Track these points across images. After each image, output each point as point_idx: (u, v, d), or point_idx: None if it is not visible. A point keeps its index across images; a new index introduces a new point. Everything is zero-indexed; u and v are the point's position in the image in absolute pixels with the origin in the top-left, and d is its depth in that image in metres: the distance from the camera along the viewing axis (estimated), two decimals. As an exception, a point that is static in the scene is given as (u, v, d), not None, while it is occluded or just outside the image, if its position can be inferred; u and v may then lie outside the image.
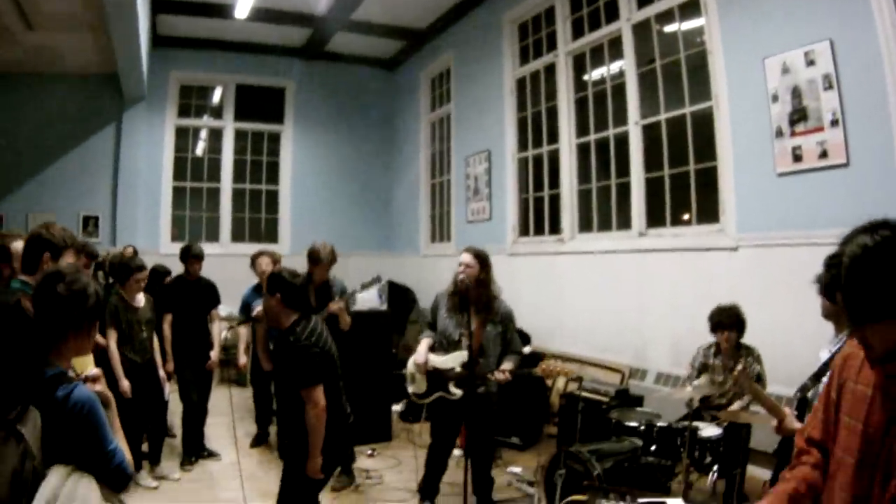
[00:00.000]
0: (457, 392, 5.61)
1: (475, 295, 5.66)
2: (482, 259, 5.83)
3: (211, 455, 7.52)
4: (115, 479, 2.59)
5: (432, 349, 5.90)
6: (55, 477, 2.38)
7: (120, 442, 2.66)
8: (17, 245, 4.41)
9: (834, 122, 5.61)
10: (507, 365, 5.62)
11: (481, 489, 5.91)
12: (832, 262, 1.97)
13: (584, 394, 6.77)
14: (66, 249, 4.15)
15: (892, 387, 2.01)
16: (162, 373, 6.92)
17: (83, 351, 2.81)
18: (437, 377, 5.76)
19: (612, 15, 8.42)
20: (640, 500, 3.84)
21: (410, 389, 6.00)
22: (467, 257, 5.79)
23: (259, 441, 7.98)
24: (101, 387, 2.71)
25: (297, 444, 4.44)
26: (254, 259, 7.92)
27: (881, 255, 1.84)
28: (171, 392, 7.30)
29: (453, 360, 5.69)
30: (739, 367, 4.91)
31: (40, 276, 2.98)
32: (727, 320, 5.56)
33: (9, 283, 4.18)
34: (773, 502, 2.36)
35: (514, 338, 5.91)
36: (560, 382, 8.41)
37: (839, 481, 2.15)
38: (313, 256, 6.93)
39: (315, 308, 6.21)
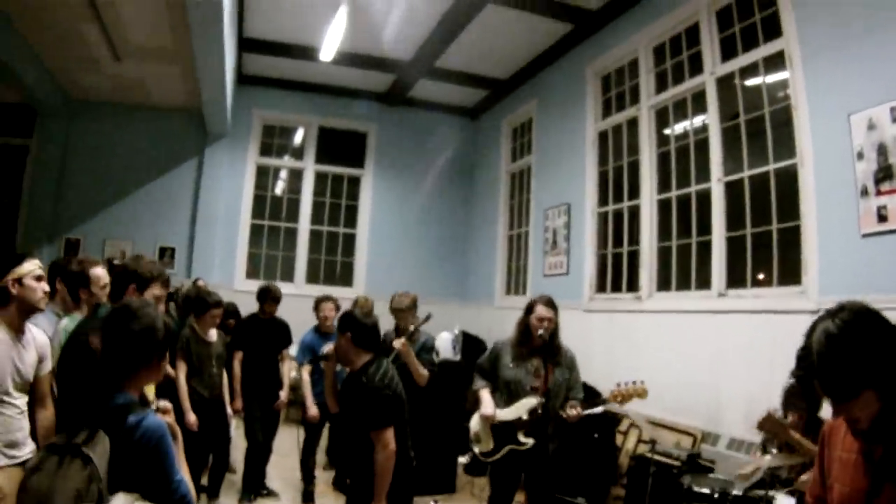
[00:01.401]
0: (527, 441, 5.40)
1: (544, 342, 5.53)
2: (556, 309, 5.68)
3: (270, 494, 7.55)
4: None
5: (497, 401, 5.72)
6: (119, 502, 2.41)
7: (185, 475, 2.68)
8: (96, 271, 4.56)
9: (920, 181, 5.32)
10: (574, 406, 5.40)
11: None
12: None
13: (656, 457, 6.52)
14: (153, 282, 4.21)
15: (874, 453, 2.18)
16: (229, 409, 6.95)
17: (153, 380, 2.89)
18: (503, 431, 5.54)
19: (696, 68, 8.26)
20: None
21: (477, 450, 5.76)
22: (547, 311, 5.61)
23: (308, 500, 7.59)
24: (170, 419, 2.77)
25: (363, 487, 4.40)
26: (318, 303, 7.88)
27: (844, 338, 2.05)
28: (237, 429, 7.29)
29: (519, 410, 5.49)
30: (765, 413, 4.66)
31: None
32: None
33: (95, 309, 4.32)
34: None
35: (577, 383, 5.70)
36: (630, 443, 8.18)
37: None
38: (391, 307, 7.13)
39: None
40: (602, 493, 7.77)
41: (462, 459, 8.84)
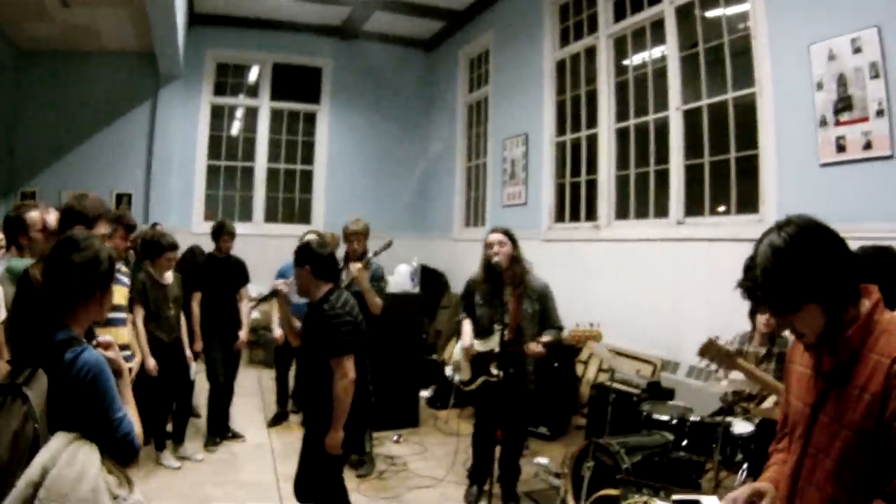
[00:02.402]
0: (498, 373, 5.49)
1: (509, 274, 5.63)
2: (511, 236, 5.76)
3: (235, 436, 7.51)
4: (120, 450, 2.50)
5: (474, 334, 5.85)
6: (56, 442, 2.31)
7: (130, 413, 2.58)
8: (31, 215, 4.35)
9: (879, 113, 5.36)
10: (544, 338, 5.54)
11: (507, 478, 5.85)
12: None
13: (616, 385, 6.60)
14: (97, 220, 4.12)
15: (824, 365, 2.17)
16: (188, 352, 6.87)
17: (97, 317, 2.71)
18: (479, 362, 5.74)
19: (656, -3, 8.20)
20: (675, 497, 3.64)
21: (457, 378, 6.00)
22: (498, 236, 5.71)
23: (277, 420, 8.02)
24: (112, 354, 2.63)
25: (321, 418, 4.40)
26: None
27: (789, 251, 2.03)
28: (198, 372, 7.26)
29: (492, 342, 5.60)
30: (706, 339, 4.58)
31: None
32: None
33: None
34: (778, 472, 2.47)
35: (552, 312, 5.76)
36: (591, 372, 8.28)
37: (790, 457, 2.33)
38: (344, 232, 7.02)
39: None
40: (564, 423, 7.89)
41: (424, 393, 8.91)
